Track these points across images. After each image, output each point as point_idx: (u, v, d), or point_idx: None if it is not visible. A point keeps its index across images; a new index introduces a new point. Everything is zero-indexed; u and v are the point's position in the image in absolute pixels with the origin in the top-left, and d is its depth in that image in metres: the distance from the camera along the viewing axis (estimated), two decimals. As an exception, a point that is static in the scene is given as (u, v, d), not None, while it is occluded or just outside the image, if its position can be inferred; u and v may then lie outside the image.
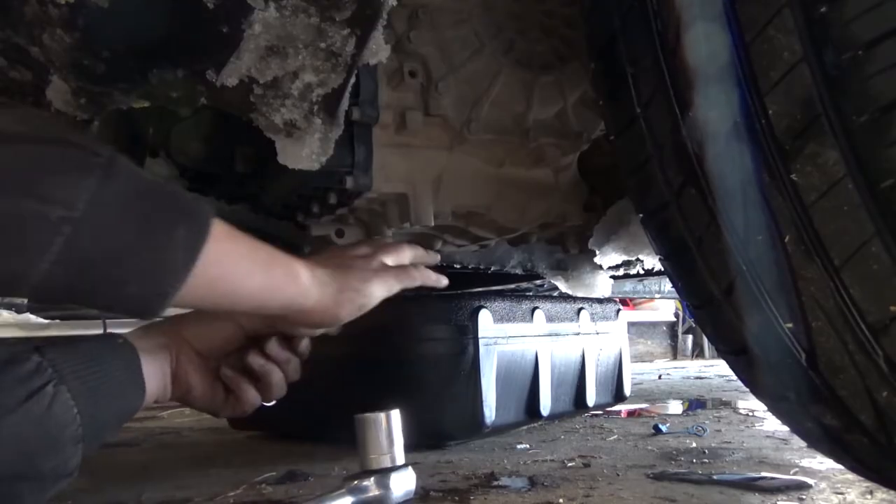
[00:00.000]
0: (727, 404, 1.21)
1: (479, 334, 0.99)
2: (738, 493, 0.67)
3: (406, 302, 0.86)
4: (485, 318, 1.00)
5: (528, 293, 1.26)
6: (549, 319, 1.14)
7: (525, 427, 1.12)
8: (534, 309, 1.12)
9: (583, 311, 1.23)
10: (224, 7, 0.50)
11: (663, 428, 1.05)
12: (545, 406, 1.10)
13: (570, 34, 0.88)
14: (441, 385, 0.97)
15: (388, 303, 0.88)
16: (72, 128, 0.63)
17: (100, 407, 0.53)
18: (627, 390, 1.36)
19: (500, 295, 1.14)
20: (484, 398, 0.98)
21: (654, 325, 3.91)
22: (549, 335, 1.12)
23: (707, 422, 1.06)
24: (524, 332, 1.07)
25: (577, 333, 1.20)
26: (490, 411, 0.98)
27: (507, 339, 1.04)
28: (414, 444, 0.68)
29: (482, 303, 1.02)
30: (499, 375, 1.01)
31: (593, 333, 1.24)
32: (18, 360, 0.49)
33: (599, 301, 1.25)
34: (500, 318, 1.03)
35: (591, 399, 1.22)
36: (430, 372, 0.97)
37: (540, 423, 1.15)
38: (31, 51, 0.50)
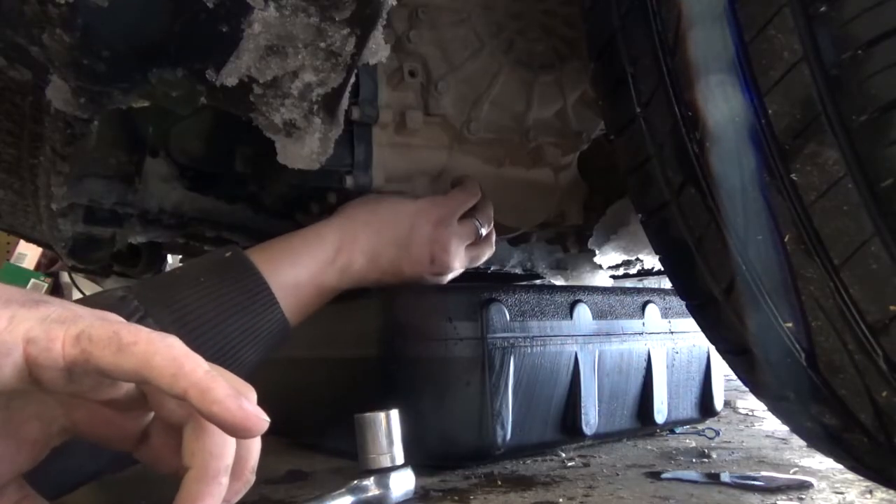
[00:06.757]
0: (727, 404, 1.20)
1: (488, 334, 0.78)
2: (738, 492, 0.67)
3: (399, 294, 0.81)
4: (497, 313, 0.79)
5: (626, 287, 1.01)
6: (599, 316, 0.90)
7: (562, 447, 0.90)
8: (574, 303, 0.88)
9: (650, 306, 0.97)
10: (224, 6, 0.50)
11: (676, 429, 1.04)
12: (589, 423, 0.87)
13: (570, 33, 0.88)
14: (438, 397, 0.77)
15: (373, 294, 0.84)
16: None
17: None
18: (719, 403, 1.05)
19: (523, 287, 0.93)
20: (495, 413, 0.78)
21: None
22: (596, 335, 0.89)
23: (707, 421, 1.06)
24: (557, 332, 0.85)
25: (641, 333, 0.96)
26: (504, 429, 0.78)
27: (529, 339, 0.82)
28: (415, 468, 0.63)
29: (494, 295, 0.80)
30: (518, 385, 0.80)
31: (665, 333, 0.98)
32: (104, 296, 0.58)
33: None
34: (520, 314, 0.82)
35: (660, 414, 0.96)
36: (426, 380, 0.79)
37: (585, 443, 0.92)
38: (31, 50, 0.50)
